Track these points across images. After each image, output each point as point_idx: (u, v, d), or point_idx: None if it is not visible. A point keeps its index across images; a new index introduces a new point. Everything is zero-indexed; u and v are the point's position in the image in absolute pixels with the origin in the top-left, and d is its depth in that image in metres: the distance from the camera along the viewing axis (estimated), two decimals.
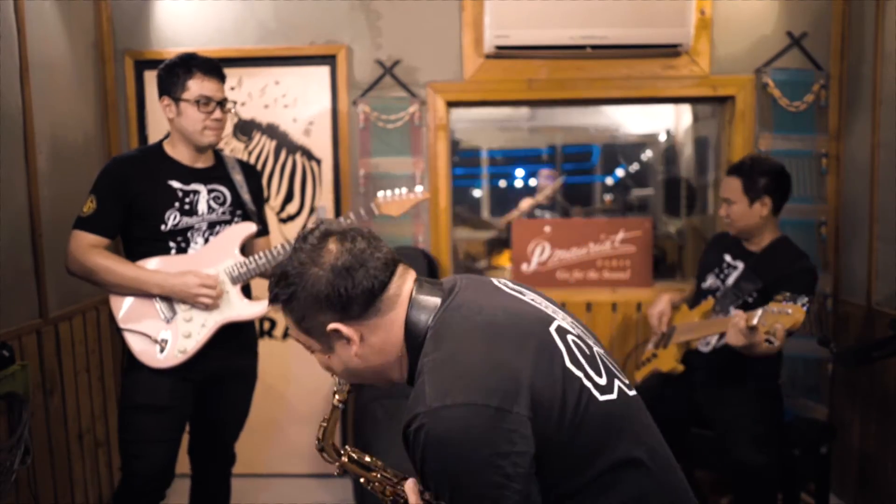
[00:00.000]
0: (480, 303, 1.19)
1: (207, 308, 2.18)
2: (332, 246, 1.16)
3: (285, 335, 3.43)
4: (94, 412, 2.94)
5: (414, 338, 1.18)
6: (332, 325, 1.17)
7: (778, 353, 2.51)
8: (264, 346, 2.54)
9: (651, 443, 1.19)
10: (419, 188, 2.45)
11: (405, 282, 1.21)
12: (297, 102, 3.34)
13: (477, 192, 5.88)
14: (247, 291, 2.36)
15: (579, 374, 1.14)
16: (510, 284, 1.31)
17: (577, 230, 3.48)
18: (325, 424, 1.34)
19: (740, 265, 2.59)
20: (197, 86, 2.18)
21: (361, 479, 1.34)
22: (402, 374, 1.24)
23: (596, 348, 1.24)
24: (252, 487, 3.26)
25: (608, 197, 5.85)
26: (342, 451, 1.34)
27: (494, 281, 1.31)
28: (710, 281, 2.66)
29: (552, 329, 1.18)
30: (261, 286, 2.40)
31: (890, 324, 2.57)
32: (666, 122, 5.06)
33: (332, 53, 3.26)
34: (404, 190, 2.41)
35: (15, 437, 2.07)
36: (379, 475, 1.34)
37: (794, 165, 3.19)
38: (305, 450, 3.47)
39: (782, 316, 2.13)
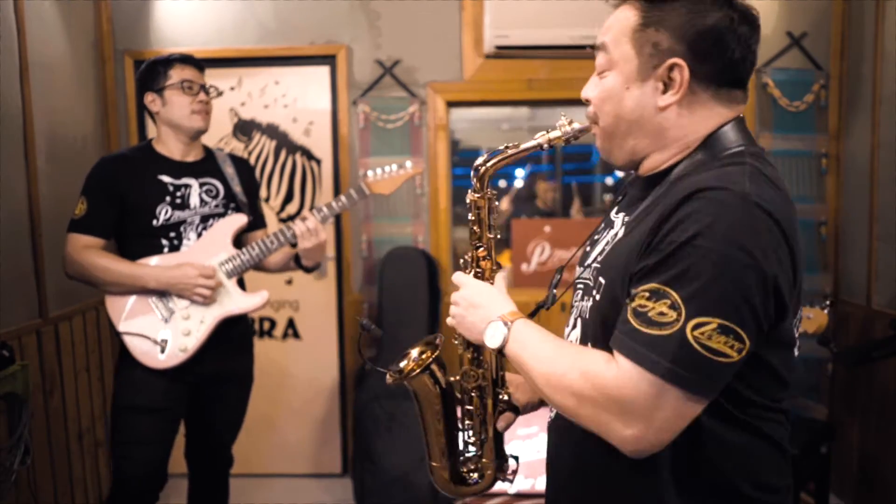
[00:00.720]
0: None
1: (204, 302, 2.17)
2: (735, 13, 1.01)
3: (285, 335, 3.43)
4: (94, 412, 2.94)
5: (724, 142, 1.03)
6: (676, 59, 1.00)
7: None
8: (264, 346, 2.54)
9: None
10: (409, 163, 2.37)
11: (742, 102, 1.08)
12: (297, 102, 3.34)
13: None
14: (241, 285, 2.33)
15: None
16: None
17: (577, 230, 3.48)
18: (510, 147, 1.19)
19: None
20: (177, 73, 2.21)
21: (474, 229, 1.23)
22: (668, 160, 1.07)
23: None
24: (251, 487, 3.26)
25: (608, 197, 5.85)
26: (489, 192, 1.23)
27: None
28: None
29: None
30: (259, 285, 2.40)
31: (890, 324, 2.57)
32: None
33: (331, 53, 3.26)
34: (394, 167, 2.33)
35: (15, 437, 2.07)
36: (493, 239, 1.23)
37: (794, 165, 3.20)
38: (305, 450, 3.47)
39: (803, 320, 2.13)
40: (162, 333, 2.15)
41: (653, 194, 1.06)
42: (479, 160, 1.20)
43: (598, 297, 1.05)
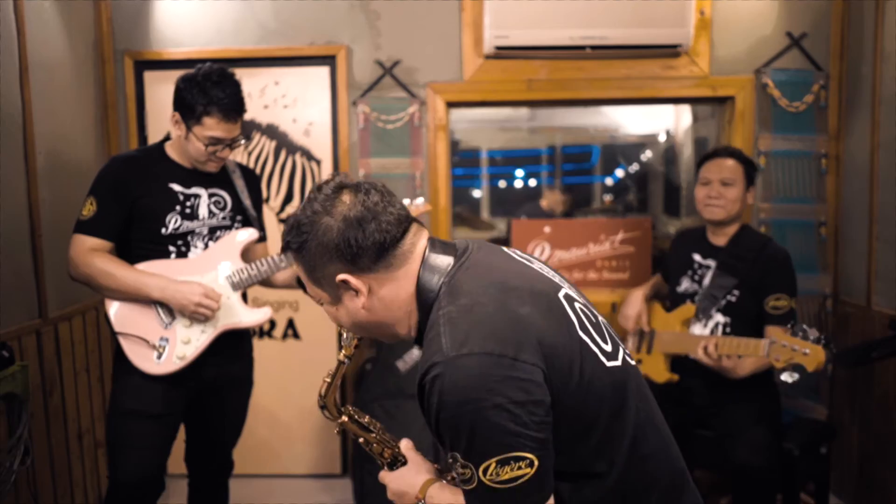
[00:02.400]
0: (493, 264, 1.23)
1: (205, 319, 2.15)
2: (346, 197, 1.18)
3: (285, 336, 3.43)
4: (93, 413, 2.94)
5: (426, 294, 1.19)
6: (341, 276, 1.18)
7: None
8: (263, 347, 2.54)
9: (651, 412, 1.24)
10: (420, 200, 2.41)
11: (419, 239, 1.23)
12: (297, 103, 3.34)
13: (477, 193, 5.87)
14: (244, 298, 2.32)
15: (587, 339, 1.17)
16: (518, 252, 1.34)
17: (577, 231, 3.49)
18: (328, 380, 1.37)
19: (712, 263, 2.56)
20: (212, 126, 2.09)
21: (360, 440, 1.40)
22: (409, 330, 1.25)
23: (600, 317, 1.28)
24: (251, 488, 3.25)
25: (608, 197, 5.85)
26: (342, 409, 1.39)
27: (504, 248, 1.34)
28: (686, 284, 2.62)
29: (560, 295, 1.21)
30: (261, 288, 2.39)
31: (889, 324, 2.58)
32: (666, 122, 5.07)
33: (331, 54, 3.26)
34: (406, 201, 2.37)
35: (15, 437, 2.06)
36: (377, 436, 1.40)
37: (794, 166, 3.20)
38: (305, 450, 3.47)
39: (799, 355, 2.14)
40: (161, 338, 2.13)
41: None
42: (319, 400, 1.39)
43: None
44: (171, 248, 2.18)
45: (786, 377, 2.16)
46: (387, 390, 3.05)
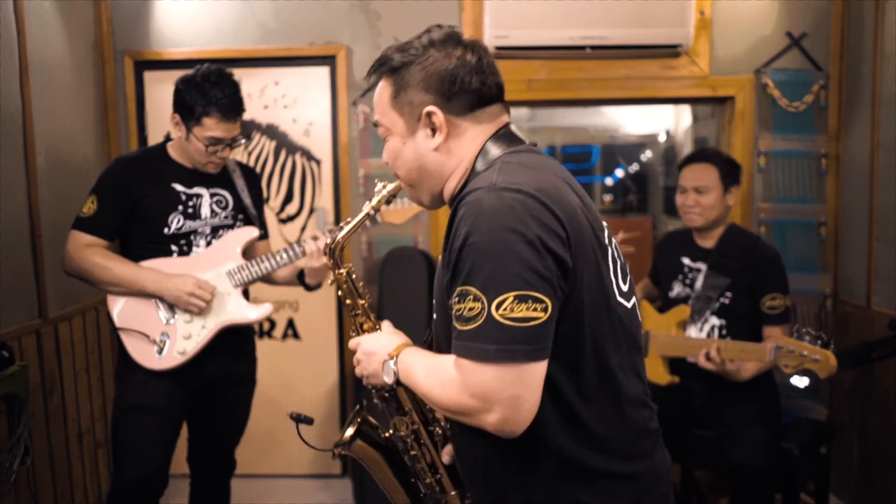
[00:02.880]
0: (556, 165, 1.22)
1: (201, 313, 2.16)
2: (463, 48, 1.19)
3: (285, 336, 3.43)
4: (93, 412, 2.94)
5: (487, 157, 1.19)
6: (430, 108, 1.17)
7: None
8: (264, 347, 2.54)
9: (640, 368, 1.23)
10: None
11: (503, 115, 1.24)
12: (297, 103, 3.34)
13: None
14: (245, 296, 2.34)
15: (611, 266, 1.17)
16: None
17: None
18: (345, 226, 1.37)
19: (702, 266, 2.54)
20: (211, 126, 2.11)
21: (348, 301, 1.40)
22: (453, 191, 1.24)
23: (626, 263, 1.27)
24: (252, 488, 3.25)
25: (608, 197, 5.85)
26: (344, 266, 1.41)
27: None
28: (678, 289, 2.61)
29: (603, 223, 1.22)
30: (258, 284, 2.40)
31: (889, 324, 2.57)
32: (666, 122, 5.07)
33: (331, 54, 3.26)
34: (407, 199, 2.41)
35: (15, 437, 2.06)
36: (365, 305, 1.42)
37: (794, 166, 3.20)
38: (305, 450, 3.47)
39: (809, 361, 2.13)
40: (161, 334, 2.15)
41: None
42: (327, 242, 1.41)
43: (434, 316, 1.23)
44: (174, 248, 2.20)
45: (796, 381, 2.16)
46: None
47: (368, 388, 1.36)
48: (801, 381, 2.15)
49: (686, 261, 2.59)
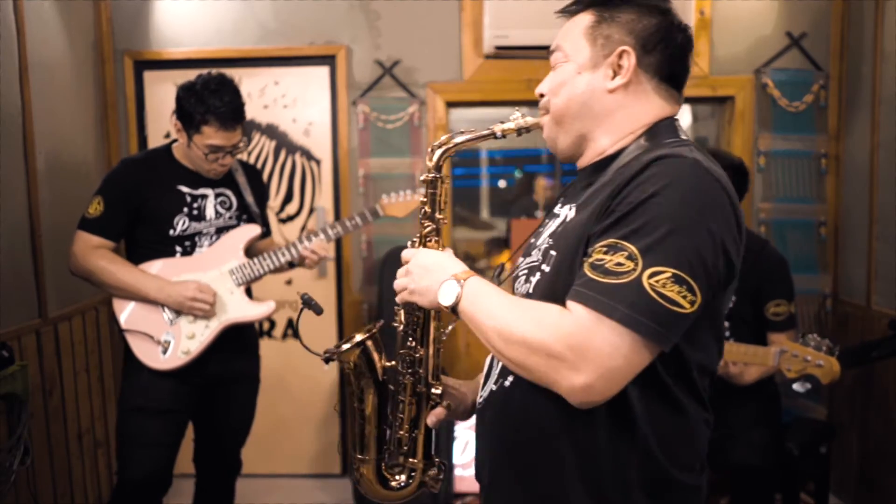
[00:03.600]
0: None
1: (205, 314, 2.17)
2: (677, 20, 1.15)
3: (285, 335, 3.43)
4: (93, 412, 2.93)
5: (663, 133, 1.11)
6: (626, 47, 1.11)
7: None
8: (264, 347, 2.54)
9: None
10: (423, 190, 2.46)
11: (677, 106, 1.18)
12: (297, 103, 3.34)
13: (477, 192, 5.87)
14: (248, 294, 2.35)
15: None
16: None
17: None
18: (467, 132, 1.24)
19: None
20: (210, 134, 2.11)
21: (426, 209, 1.28)
22: (606, 148, 1.15)
23: None
24: (251, 488, 3.25)
25: None
26: (446, 178, 1.29)
27: None
28: None
29: None
30: (258, 283, 2.40)
31: (889, 324, 2.57)
32: None
33: (331, 54, 3.26)
34: (409, 192, 2.45)
35: (14, 437, 2.06)
36: (443, 220, 1.29)
37: (794, 165, 3.20)
38: (305, 450, 3.47)
39: (812, 366, 2.12)
40: (166, 334, 2.16)
41: (600, 180, 1.11)
42: (437, 141, 1.27)
43: (546, 269, 1.09)
44: (178, 248, 2.22)
45: (798, 387, 2.16)
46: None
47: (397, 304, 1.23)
48: (801, 387, 2.16)
49: None
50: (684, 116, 4.63)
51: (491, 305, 1.05)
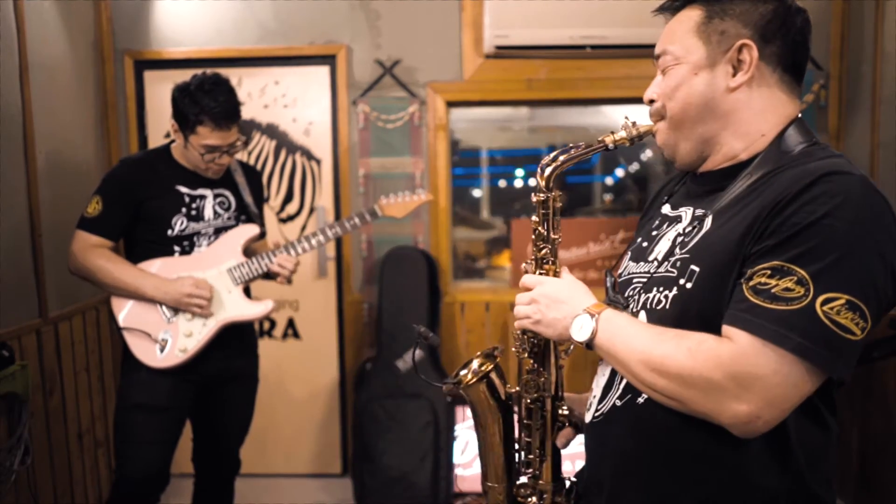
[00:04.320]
0: None
1: (201, 313, 2.18)
2: (793, 7, 1.08)
3: (285, 335, 3.43)
4: (93, 412, 2.94)
5: (796, 136, 1.06)
6: (746, 40, 1.04)
7: None
8: (264, 347, 2.55)
9: None
10: (421, 191, 2.49)
11: (797, 99, 1.12)
12: (297, 102, 3.34)
13: (477, 192, 5.87)
14: (247, 293, 2.36)
15: None
16: None
17: (577, 230, 3.48)
18: (574, 147, 1.17)
19: None
20: (205, 134, 2.11)
21: (539, 230, 1.21)
22: (740, 152, 1.08)
23: None
24: (251, 487, 3.25)
25: (608, 197, 5.85)
26: (557, 193, 1.21)
27: None
28: None
29: None
30: (258, 283, 2.40)
31: (890, 324, 2.57)
32: None
33: (331, 53, 3.26)
34: (407, 193, 2.47)
35: (15, 437, 2.07)
36: (558, 240, 1.22)
37: None
38: (305, 450, 3.47)
39: None
40: (163, 333, 2.17)
41: (735, 187, 1.05)
42: (546, 159, 1.20)
43: (688, 285, 1.02)
44: (176, 248, 2.22)
45: None
46: (387, 390, 3.05)
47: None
48: None
49: None
50: None
51: (632, 338, 1.01)
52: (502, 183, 5.94)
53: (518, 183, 5.88)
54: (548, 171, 1.19)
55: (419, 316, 3.19)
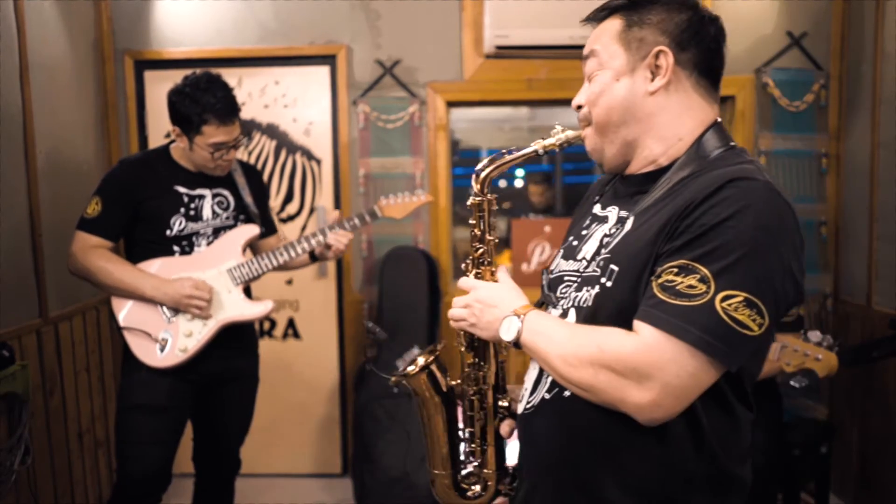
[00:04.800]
0: None
1: (201, 314, 2.18)
2: (704, 12, 1.14)
3: (285, 335, 3.43)
4: (93, 412, 2.94)
5: (713, 140, 1.11)
6: (662, 47, 1.10)
7: None
8: (264, 346, 2.55)
9: None
10: (421, 191, 2.50)
11: (716, 104, 1.17)
12: (297, 102, 3.34)
13: None
14: (247, 293, 2.36)
15: None
16: None
17: None
18: (508, 152, 1.24)
19: None
20: (211, 133, 2.12)
21: (476, 231, 1.27)
22: (659, 157, 1.14)
23: None
24: (252, 488, 3.25)
25: None
26: (491, 196, 1.27)
27: None
28: None
29: None
30: (258, 283, 2.40)
31: (890, 324, 2.57)
32: None
33: (331, 53, 3.26)
34: (407, 194, 2.46)
35: (15, 437, 2.07)
36: (494, 241, 1.28)
37: (794, 165, 3.20)
38: (305, 450, 3.47)
39: (811, 360, 2.14)
40: (163, 332, 2.17)
41: (656, 190, 1.10)
42: (480, 165, 1.26)
43: (608, 283, 1.08)
44: (175, 248, 2.22)
45: (794, 383, 2.17)
46: (387, 390, 3.05)
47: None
48: (798, 383, 2.18)
49: None
50: None
51: (552, 335, 1.08)
52: (503, 183, 5.94)
53: (518, 183, 5.88)
54: (482, 175, 1.25)
55: (419, 316, 3.19)
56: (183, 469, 2.65)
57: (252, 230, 2.31)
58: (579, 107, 1.20)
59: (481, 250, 1.27)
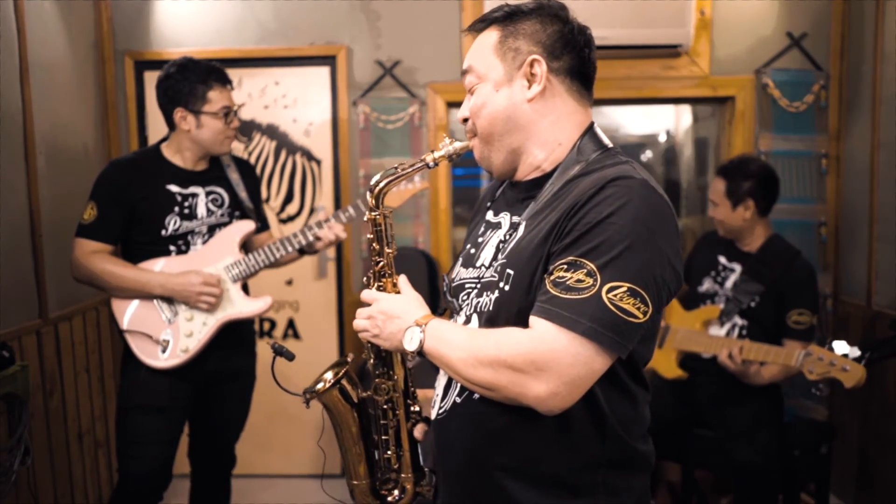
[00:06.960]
0: None
1: (209, 308, 2.18)
2: (573, 22, 1.21)
3: (285, 335, 3.43)
4: (93, 412, 2.94)
5: (591, 144, 1.20)
6: (536, 56, 1.17)
7: None
8: (264, 347, 2.54)
9: None
10: (417, 179, 2.47)
11: (589, 108, 1.25)
12: (297, 103, 3.34)
13: (477, 193, 5.88)
14: (245, 290, 2.36)
15: None
16: None
17: None
18: (398, 169, 1.29)
19: (737, 267, 2.57)
20: (217, 97, 2.17)
21: (374, 246, 1.33)
22: (543, 161, 1.21)
23: None
24: (252, 488, 3.26)
25: None
26: (384, 209, 1.32)
27: None
28: (707, 285, 2.64)
29: None
30: (258, 285, 2.41)
31: (890, 324, 2.58)
32: (666, 122, 5.06)
33: (331, 54, 3.26)
34: (403, 182, 2.43)
35: (15, 437, 2.06)
36: (391, 256, 1.33)
37: (794, 166, 3.20)
38: (305, 450, 3.47)
39: (837, 370, 2.13)
40: (164, 333, 2.18)
41: (543, 195, 1.17)
42: (373, 180, 1.31)
43: (506, 287, 1.14)
44: (172, 248, 2.22)
45: (815, 391, 2.18)
46: None
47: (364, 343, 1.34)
48: (820, 391, 2.18)
49: (722, 259, 2.63)
50: (685, 117, 4.63)
51: (453, 340, 1.14)
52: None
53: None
54: (376, 190, 1.30)
55: None
56: (183, 469, 2.64)
57: (248, 226, 2.31)
58: (465, 119, 1.25)
59: (381, 263, 1.33)
